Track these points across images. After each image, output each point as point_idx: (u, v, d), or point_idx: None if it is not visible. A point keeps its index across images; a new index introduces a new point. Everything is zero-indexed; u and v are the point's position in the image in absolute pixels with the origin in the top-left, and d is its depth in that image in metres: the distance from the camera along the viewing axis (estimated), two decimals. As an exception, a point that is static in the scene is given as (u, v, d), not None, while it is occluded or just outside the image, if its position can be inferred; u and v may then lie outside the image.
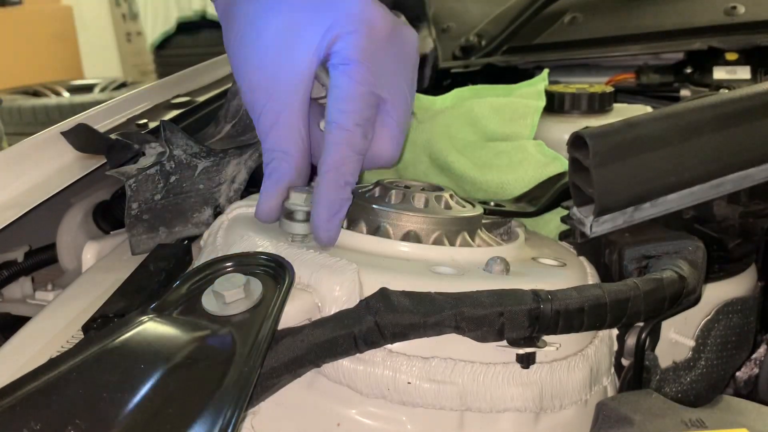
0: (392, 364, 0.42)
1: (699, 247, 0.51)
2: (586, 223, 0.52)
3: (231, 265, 0.45)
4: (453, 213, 0.52)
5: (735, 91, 0.55)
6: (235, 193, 0.65)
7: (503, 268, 0.47)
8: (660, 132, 0.51)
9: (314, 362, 0.42)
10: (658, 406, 0.42)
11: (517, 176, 0.67)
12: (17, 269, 0.70)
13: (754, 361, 0.66)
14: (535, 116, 0.74)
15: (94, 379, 0.37)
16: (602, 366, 0.48)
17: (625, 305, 0.44)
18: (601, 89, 0.79)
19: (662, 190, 0.52)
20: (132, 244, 0.61)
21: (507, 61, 1.09)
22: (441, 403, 0.42)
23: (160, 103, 0.78)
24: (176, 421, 0.35)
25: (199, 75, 0.91)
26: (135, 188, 0.59)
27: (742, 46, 0.97)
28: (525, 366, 0.43)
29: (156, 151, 0.61)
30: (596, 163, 0.49)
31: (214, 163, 0.63)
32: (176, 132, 0.60)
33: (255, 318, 0.41)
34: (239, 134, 0.68)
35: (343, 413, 0.43)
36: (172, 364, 0.38)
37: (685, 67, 1.02)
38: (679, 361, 0.56)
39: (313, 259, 0.45)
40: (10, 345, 0.50)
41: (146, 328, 0.40)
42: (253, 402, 0.41)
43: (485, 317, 0.41)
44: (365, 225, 0.51)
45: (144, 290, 0.51)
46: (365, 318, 0.41)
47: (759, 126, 0.54)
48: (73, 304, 0.54)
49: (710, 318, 0.56)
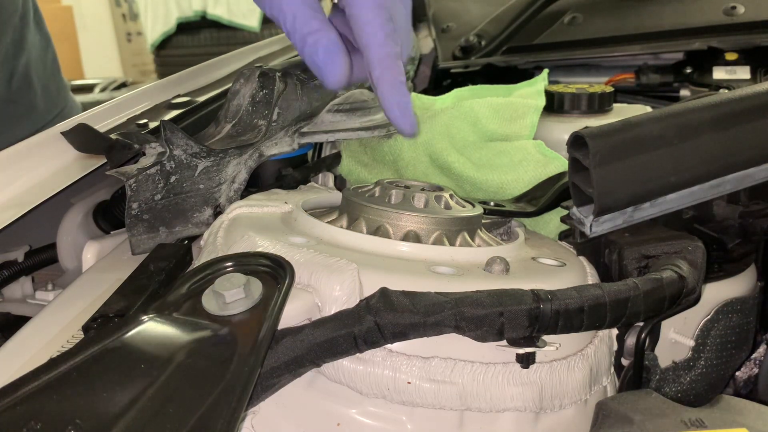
0: (392, 364, 0.42)
1: (699, 247, 0.51)
2: (586, 223, 0.52)
3: (231, 265, 0.45)
4: (453, 213, 0.52)
5: (735, 91, 0.55)
6: (235, 193, 0.65)
7: (503, 268, 0.47)
8: (660, 132, 0.51)
9: (314, 362, 0.42)
10: (657, 405, 0.42)
11: (517, 176, 0.67)
12: (17, 269, 0.70)
13: (753, 361, 0.66)
14: (535, 116, 0.74)
15: (94, 379, 0.37)
16: (602, 366, 0.48)
17: (624, 305, 0.44)
18: (600, 89, 0.79)
19: (662, 190, 0.52)
20: (132, 244, 0.61)
21: (507, 61, 1.09)
22: (441, 402, 0.42)
23: (160, 103, 0.78)
24: (176, 421, 0.35)
25: (199, 75, 0.91)
26: (135, 188, 0.59)
27: (741, 46, 0.97)
28: (525, 366, 0.43)
29: (156, 151, 0.61)
30: (596, 163, 0.49)
31: (214, 163, 0.63)
32: (176, 132, 0.60)
33: (255, 318, 0.41)
34: (239, 134, 0.68)
35: (343, 413, 0.43)
36: (172, 364, 0.38)
37: (684, 67, 1.02)
38: (678, 361, 0.56)
39: (313, 259, 0.45)
40: (10, 345, 0.50)
41: (146, 328, 0.41)
42: (253, 402, 0.42)
43: (485, 317, 0.41)
44: (365, 225, 0.52)
45: (144, 290, 0.51)
46: (365, 318, 0.41)
47: (759, 126, 0.54)
48: (73, 304, 0.54)
49: (710, 318, 0.56)
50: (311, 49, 0.56)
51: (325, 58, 0.56)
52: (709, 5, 1.04)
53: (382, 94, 0.55)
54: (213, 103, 0.79)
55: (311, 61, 0.57)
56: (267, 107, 0.67)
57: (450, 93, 0.82)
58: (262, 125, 0.67)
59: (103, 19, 5.02)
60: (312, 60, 0.57)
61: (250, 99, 0.68)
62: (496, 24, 1.14)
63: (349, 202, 0.54)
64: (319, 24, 0.57)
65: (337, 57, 0.56)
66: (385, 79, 0.55)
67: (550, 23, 1.14)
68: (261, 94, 0.68)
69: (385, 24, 0.56)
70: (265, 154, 0.67)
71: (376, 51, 0.55)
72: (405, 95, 0.55)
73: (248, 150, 0.65)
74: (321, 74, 0.57)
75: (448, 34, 1.19)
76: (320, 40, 0.56)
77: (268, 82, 0.67)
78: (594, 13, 1.13)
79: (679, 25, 1.03)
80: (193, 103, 0.78)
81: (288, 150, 0.68)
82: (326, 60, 0.56)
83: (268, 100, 0.67)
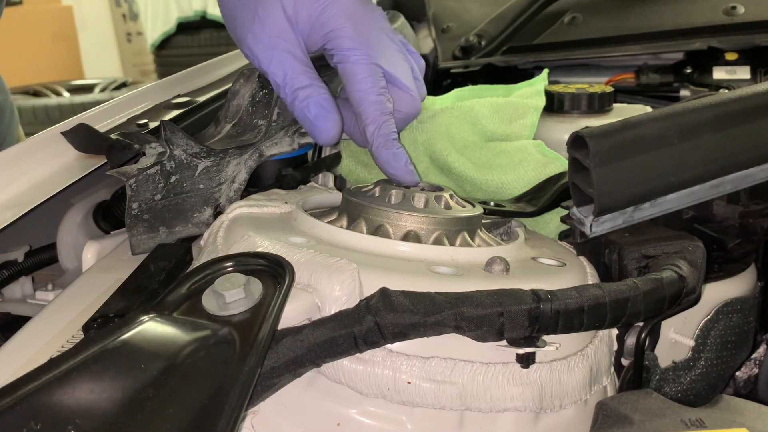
0: (392, 364, 0.42)
1: (699, 247, 0.51)
2: (586, 223, 0.52)
3: (231, 265, 0.45)
4: (453, 213, 0.52)
5: (735, 91, 0.55)
6: (235, 193, 0.65)
7: (503, 268, 0.47)
8: (660, 132, 0.51)
9: (314, 362, 0.42)
10: (657, 405, 0.42)
11: (517, 176, 0.67)
12: (17, 269, 0.70)
13: (753, 361, 0.66)
14: (535, 116, 0.74)
15: (94, 379, 0.37)
16: (602, 366, 0.48)
17: (624, 305, 0.44)
18: (600, 89, 0.79)
19: (662, 190, 0.52)
20: (132, 244, 0.61)
21: (507, 61, 1.09)
22: (441, 402, 0.42)
23: (160, 103, 0.78)
24: (176, 421, 0.35)
25: (199, 75, 0.91)
26: (135, 188, 0.59)
27: (741, 46, 0.97)
28: (525, 366, 0.43)
29: (156, 151, 0.61)
30: (596, 163, 0.49)
31: (214, 163, 0.63)
32: (176, 132, 0.60)
33: (255, 318, 0.41)
34: (239, 134, 0.68)
35: (343, 413, 0.43)
36: (172, 364, 0.38)
37: (684, 67, 1.02)
38: (678, 361, 0.56)
39: (313, 259, 0.45)
40: (10, 345, 0.50)
41: (146, 328, 0.41)
42: (253, 402, 0.41)
43: (485, 317, 0.41)
44: (365, 225, 0.52)
45: (144, 290, 0.51)
46: (365, 318, 0.41)
47: (759, 126, 0.54)
48: (73, 304, 0.54)
49: (710, 318, 0.56)
50: (302, 104, 0.58)
51: (317, 113, 0.58)
52: (709, 5, 1.04)
53: (376, 150, 0.58)
54: (213, 103, 0.79)
55: (302, 116, 0.59)
56: (267, 107, 0.67)
57: (450, 93, 0.82)
58: (262, 125, 0.67)
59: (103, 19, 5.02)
60: (303, 115, 0.58)
61: (250, 99, 0.68)
62: (496, 24, 1.15)
63: (349, 202, 0.54)
64: (309, 80, 0.59)
65: (329, 113, 0.58)
66: (379, 135, 0.58)
67: (550, 23, 1.14)
68: (261, 94, 0.68)
69: (377, 81, 0.59)
70: (265, 154, 0.67)
71: (368, 108, 0.58)
72: (397, 148, 0.58)
73: (248, 150, 0.65)
74: (313, 130, 0.59)
75: (448, 34, 1.19)
76: (312, 96, 0.58)
77: (268, 82, 0.67)
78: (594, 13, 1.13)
79: (679, 25, 1.03)
80: (193, 103, 0.78)
81: (288, 150, 0.68)
82: (318, 115, 0.58)
83: (268, 100, 0.67)
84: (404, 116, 0.64)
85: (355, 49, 0.59)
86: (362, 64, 0.59)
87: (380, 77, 0.59)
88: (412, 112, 0.64)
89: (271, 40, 0.59)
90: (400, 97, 0.62)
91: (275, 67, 0.59)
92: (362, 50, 0.59)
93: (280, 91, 0.60)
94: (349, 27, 0.60)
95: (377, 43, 0.61)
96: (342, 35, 0.60)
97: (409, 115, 0.64)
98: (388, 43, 0.62)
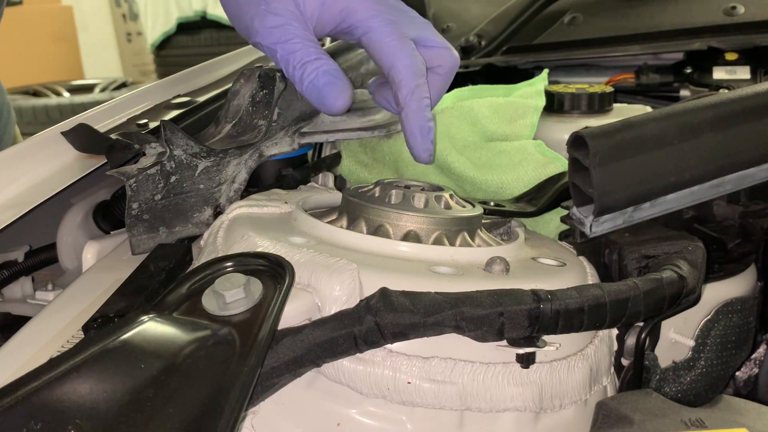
0: (392, 364, 0.42)
1: (699, 247, 0.51)
2: (586, 223, 0.52)
3: (231, 265, 0.45)
4: (453, 213, 0.52)
5: (735, 91, 0.55)
6: (235, 193, 0.65)
7: (503, 268, 0.47)
8: (660, 132, 0.51)
9: (314, 362, 0.42)
10: (657, 405, 0.42)
11: (517, 176, 0.67)
12: (17, 269, 0.70)
13: (753, 361, 0.66)
14: (535, 116, 0.74)
15: (94, 379, 0.37)
16: (602, 366, 0.48)
17: (624, 305, 0.44)
18: (600, 89, 0.79)
19: (662, 190, 0.52)
20: (132, 244, 0.61)
21: (507, 61, 1.09)
22: (441, 402, 0.42)
23: (160, 103, 0.78)
24: (176, 421, 0.35)
25: (199, 75, 0.91)
26: (135, 188, 0.59)
27: (741, 46, 0.97)
28: (525, 366, 0.43)
29: (156, 151, 0.61)
30: (596, 163, 0.49)
31: (214, 163, 0.63)
32: (176, 132, 0.60)
33: (255, 318, 0.41)
34: (239, 134, 0.68)
35: (343, 413, 0.43)
36: (172, 364, 0.38)
37: (684, 67, 1.02)
38: (678, 361, 0.56)
39: (313, 259, 0.45)
40: (10, 345, 0.50)
41: (146, 328, 0.41)
42: (253, 402, 0.42)
43: (485, 317, 0.41)
44: (365, 225, 0.52)
45: (144, 290, 0.51)
46: (365, 318, 0.41)
47: (759, 126, 0.54)
48: (73, 304, 0.54)
49: (710, 318, 0.56)
50: (311, 75, 0.57)
51: (326, 80, 0.57)
52: (709, 5, 1.04)
53: (406, 116, 0.56)
54: (213, 103, 0.79)
55: (311, 87, 0.57)
56: (267, 107, 0.67)
57: (450, 93, 0.82)
58: (262, 125, 0.67)
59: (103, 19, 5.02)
60: (312, 86, 0.57)
61: (250, 99, 0.68)
62: (496, 24, 1.15)
63: (349, 202, 0.54)
64: (318, 53, 0.58)
65: (338, 80, 0.57)
66: (412, 100, 0.56)
67: (550, 23, 1.14)
68: (261, 94, 0.68)
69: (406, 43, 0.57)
70: (265, 154, 0.67)
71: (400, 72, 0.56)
72: (428, 120, 0.56)
73: (248, 150, 0.65)
74: (322, 99, 0.57)
75: (448, 34, 1.19)
76: (320, 66, 0.57)
77: (268, 82, 0.67)
78: (594, 13, 1.13)
79: (679, 25, 1.03)
80: (193, 103, 0.78)
81: (288, 150, 0.68)
82: (327, 82, 0.57)
83: (268, 100, 0.67)
84: (448, 71, 0.61)
85: (375, 17, 0.58)
86: (387, 30, 0.57)
87: (407, 40, 0.58)
88: (454, 64, 0.61)
89: (276, 18, 0.58)
90: (437, 54, 0.60)
91: (282, 45, 0.58)
92: (383, 16, 0.58)
93: (288, 67, 0.59)
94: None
95: (396, 8, 0.60)
96: (358, 8, 0.58)
97: (452, 68, 0.62)
98: (405, 7, 0.61)
